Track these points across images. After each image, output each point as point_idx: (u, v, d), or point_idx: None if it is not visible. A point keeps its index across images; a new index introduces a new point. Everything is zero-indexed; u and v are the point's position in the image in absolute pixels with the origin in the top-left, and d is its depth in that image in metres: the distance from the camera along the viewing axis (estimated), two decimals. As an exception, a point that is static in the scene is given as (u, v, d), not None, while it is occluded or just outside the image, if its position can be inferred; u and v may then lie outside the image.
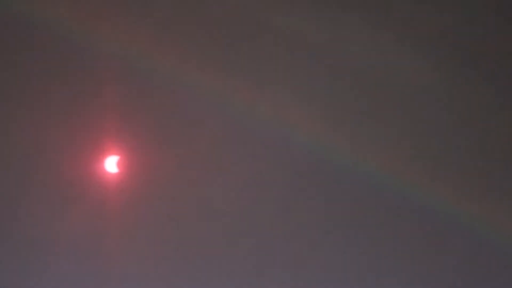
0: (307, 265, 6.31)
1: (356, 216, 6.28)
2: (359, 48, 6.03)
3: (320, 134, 6.13)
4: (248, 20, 5.98)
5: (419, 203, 6.22)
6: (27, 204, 6.18)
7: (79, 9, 5.90)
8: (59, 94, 6.06)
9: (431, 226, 6.22)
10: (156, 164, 6.22)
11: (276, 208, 6.30)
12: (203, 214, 6.33)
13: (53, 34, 5.92)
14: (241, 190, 6.29)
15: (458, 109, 6.16)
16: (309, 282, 6.34)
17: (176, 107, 6.14)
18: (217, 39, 6.06)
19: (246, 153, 6.23)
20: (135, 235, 6.26)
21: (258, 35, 6.05)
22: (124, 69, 6.01)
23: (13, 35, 5.97)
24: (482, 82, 6.16)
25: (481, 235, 6.16)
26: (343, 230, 6.30)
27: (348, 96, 6.18)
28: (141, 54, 5.99)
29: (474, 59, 6.14)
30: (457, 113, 6.17)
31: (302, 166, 6.24)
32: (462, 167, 6.20)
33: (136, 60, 5.99)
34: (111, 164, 6.20)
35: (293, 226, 6.29)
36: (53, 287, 6.25)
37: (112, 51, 5.97)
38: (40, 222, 6.18)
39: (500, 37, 6.09)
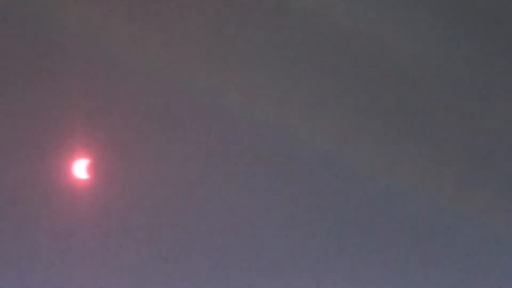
0: (310, 267, 6.21)
1: (362, 218, 6.24)
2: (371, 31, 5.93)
3: (326, 133, 6.03)
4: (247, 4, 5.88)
5: (429, 208, 6.23)
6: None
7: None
8: (19, 89, 5.91)
9: (440, 229, 6.25)
10: (132, 169, 6.08)
11: (276, 218, 6.17)
12: (186, 228, 6.17)
13: (18, 30, 5.82)
14: (232, 199, 6.14)
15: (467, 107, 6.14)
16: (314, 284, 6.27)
17: (157, 103, 5.98)
18: (207, 25, 5.94)
19: (238, 157, 6.09)
20: (108, 250, 6.11)
21: (257, 22, 5.95)
22: (96, 59, 5.86)
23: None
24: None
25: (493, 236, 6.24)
26: (350, 233, 6.24)
27: (357, 93, 6.08)
28: (115, 41, 5.82)
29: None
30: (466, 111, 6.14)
31: (305, 171, 6.12)
32: (472, 169, 6.20)
33: (110, 47, 5.82)
34: (80, 169, 6.05)
35: (294, 230, 6.20)
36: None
37: (81, 41, 5.82)
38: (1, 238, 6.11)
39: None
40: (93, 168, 6.00)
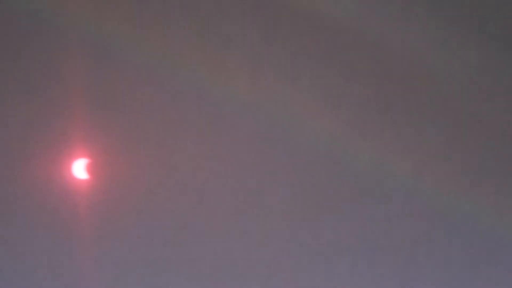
0: (314, 265, 6.21)
1: (366, 214, 6.24)
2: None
3: (330, 129, 6.03)
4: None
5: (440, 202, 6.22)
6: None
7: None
8: (18, 89, 5.92)
9: (444, 224, 6.26)
10: (133, 169, 6.07)
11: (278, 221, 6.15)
12: (188, 228, 6.16)
13: (18, 30, 5.83)
14: (235, 198, 6.13)
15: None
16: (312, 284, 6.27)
17: (159, 102, 5.98)
18: (209, 22, 5.93)
19: (240, 156, 6.08)
20: (108, 250, 6.10)
21: (260, 19, 5.95)
22: (96, 58, 5.87)
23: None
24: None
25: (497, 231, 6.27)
26: (353, 229, 6.24)
27: (360, 88, 6.07)
28: (115, 40, 5.83)
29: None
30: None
31: (310, 167, 6.12)
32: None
33: (110, 46, 5.83)
34: (80, 168, 6.04)
35: (297, 227, 6.20)
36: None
37: (81, 41, 5.83)
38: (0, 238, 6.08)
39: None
40: (93, 168, 5.99)
